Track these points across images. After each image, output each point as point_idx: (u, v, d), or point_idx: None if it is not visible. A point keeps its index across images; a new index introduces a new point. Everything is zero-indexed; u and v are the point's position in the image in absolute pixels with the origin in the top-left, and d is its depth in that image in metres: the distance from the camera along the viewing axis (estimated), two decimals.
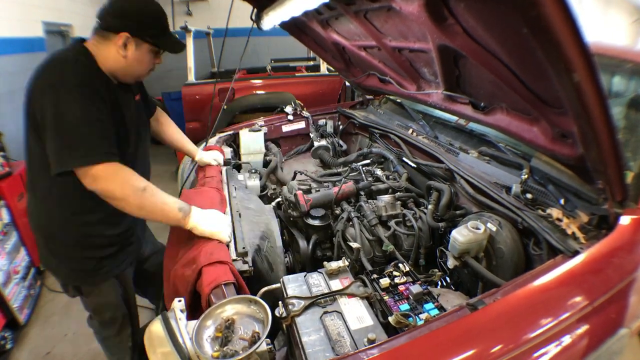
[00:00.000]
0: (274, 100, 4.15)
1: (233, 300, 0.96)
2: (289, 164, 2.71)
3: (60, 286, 1.58)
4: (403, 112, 2.37)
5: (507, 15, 0.88)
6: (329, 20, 2.05)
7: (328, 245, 1.66)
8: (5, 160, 2.77)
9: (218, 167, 1.97)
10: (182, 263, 1.24)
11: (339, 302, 1.06)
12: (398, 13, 1.36)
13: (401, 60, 1.77)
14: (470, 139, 1.82)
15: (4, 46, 3.73)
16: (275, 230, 1.61)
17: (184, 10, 7.08)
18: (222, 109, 2.63)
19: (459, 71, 1.43)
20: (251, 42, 2.17)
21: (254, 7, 2.12)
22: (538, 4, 0.70)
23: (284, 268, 1.53)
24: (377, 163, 2.17)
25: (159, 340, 0.87)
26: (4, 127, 3.27)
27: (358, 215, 1.65)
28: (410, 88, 1.92)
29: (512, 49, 1.02)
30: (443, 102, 1.64)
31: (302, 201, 1.63)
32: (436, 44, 1.31)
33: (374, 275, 1.20)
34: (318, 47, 2.63)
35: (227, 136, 2.54)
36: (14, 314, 2.37)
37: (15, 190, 2.80)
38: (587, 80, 0.79)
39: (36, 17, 4.38)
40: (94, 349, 2.36)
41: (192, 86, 4.35)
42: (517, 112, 1.29)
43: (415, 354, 0.84)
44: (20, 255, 2.63)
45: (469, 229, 1.25)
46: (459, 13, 1.09)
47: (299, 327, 0.97)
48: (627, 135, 1.40)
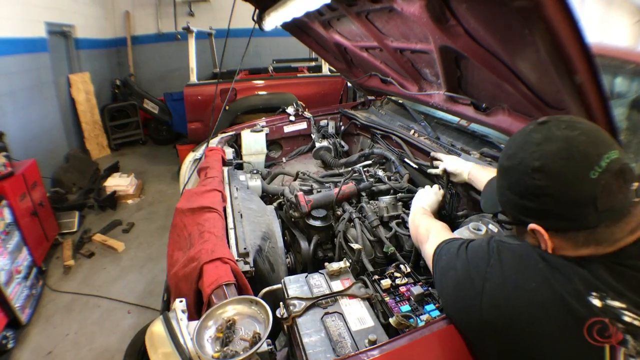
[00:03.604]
0: (276, 100, 4.16)
1: (234, 301, 0.96)
2: (290, 164, 2.71)
3: None
4: (405, 113, 2.37)
5: (509, 17, 0.88)
6: (331, 21, 2.05)
7: (329, 246, 1.66)
8: (7, 160, 2.78)
9: (220, 167, 1.97)
10: (183, 262, 1.24)
11: (340, 303, 1.05)
12: (400, 14, 1.36)
13: (403, 61, 1.77)
14: (471, 140, 1.82)
15: (6, 47, 3.75)
16: (277, 230, 1.61)
17: (186, 11, 7.11)
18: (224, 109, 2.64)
19: (460, 72, 1.43)
20: (253, 42, 2.18)
21: (255, 8, 2.12)
22: (540, 6, 0.70)
23: (285, 269, 1.53)
24: (379, 164, 2.17)
25: (160, 340, 0.87)
26: (6, 127, 3.29)
27: (359, 216, 1.65)
28: (411, 89, 1.92)
29: (514, 50, 1.02)
30: (444, 103, 1.64)
31: (303, 202, 1.63)
32: (438, 45, 1.31)
33: (375, 276, 1.20)
34: (320, 47, 2.63)
35: (229, 137, 2.55)
36: (16, 314, 2.37)
37: (17, 190, 2.82)
38: (589, 82, 0.80)
39: (39, 17, 4.40)
40: (95, 349, 2.37)
41: (194, 87, 4.36)
42: (519, 113, 1.29)
43: (416, 355, 0.84)
44: (22, 254, 2.63)
45: (470, 230, 1.25)
46: (461, 14, 1.09)
47: (300, 327, 0.97)
48: (629, 137, 1.40)
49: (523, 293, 0.69)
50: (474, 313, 0.76)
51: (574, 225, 0.66)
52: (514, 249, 0.76)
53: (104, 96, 6.30)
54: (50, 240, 3.30)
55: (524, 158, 0.69)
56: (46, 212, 3.31)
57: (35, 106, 4.24)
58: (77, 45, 5.52)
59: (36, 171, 3.23)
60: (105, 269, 3.21)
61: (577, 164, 0.64)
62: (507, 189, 0.74)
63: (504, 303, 0.71)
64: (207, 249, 1.20)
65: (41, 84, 4.44)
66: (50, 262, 3.27)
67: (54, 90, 4.76)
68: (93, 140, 5.75)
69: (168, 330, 0.88)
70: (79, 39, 5.53)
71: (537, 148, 0.68)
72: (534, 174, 0.67)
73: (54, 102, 4.75)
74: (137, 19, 7.02)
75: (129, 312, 2.68)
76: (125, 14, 6.92)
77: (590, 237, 0.65)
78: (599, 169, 0.62)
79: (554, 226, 0.68)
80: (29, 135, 4.04)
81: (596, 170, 0.62)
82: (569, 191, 0.64)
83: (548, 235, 0.68)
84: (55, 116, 4.78)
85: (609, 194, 0.62)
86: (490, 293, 0.73)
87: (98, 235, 3.61)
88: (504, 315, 0.71)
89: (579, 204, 0.64)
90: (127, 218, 4.01)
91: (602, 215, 0.63)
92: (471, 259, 0.82)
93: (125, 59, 7.03)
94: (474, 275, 0.78)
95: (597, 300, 0.61)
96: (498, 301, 0.72)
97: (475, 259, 0.81)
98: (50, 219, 3.40)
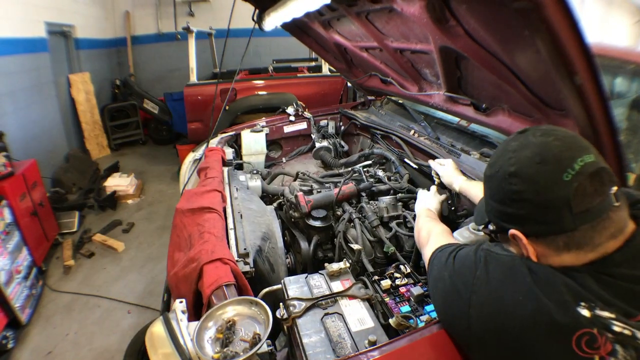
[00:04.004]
0: (276, 101, 4.16)
1: (234, 302, 0.96)
2: (290, 164, 2.71)
3: None
4: (405, 113, 2.37)
5: (509, 17, 0.88)
6: (331, 21, 2.05)
7: (329, 247, 1.66)
8: (7, 160, 2.78)
9: (220, 167, 1.97)
10: (183, 263, 1.24)
11: (340, 303, 1.05)
12: (400, 14, 1.36)
13: (403, 61, 1.77)
14: (471, 140, 1.82)
15: (6, 47, 3.74)
16: (277, 231, 1.62)
17: (186, 11, 7.11)
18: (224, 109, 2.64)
19: (460, 72, 1.43)
20: (253, 42, 2.18)
21: (255, 8, 2.12)
22: (540, 6, 0.70)
23: (285, 269, 1.53)
24: (379, 164, 2.17)
25: (160, 341, 0.87)
26: (6, 127, 3.29)
27: (359, 216, 1.65)
28: (411, 89, 1.92)
29: (514, 50, 1.02)
30: (444, 103, 1.64)
31: (303, 202, 1.63)
32: (438, 45, 1.31)
33: (375, 277, 1.20)
34: (320, 48, 2.63)
35: (229, 137, 2.55)
36: (16, 314, 2.37)
37: (17, 190, 2.82)
38: (589, 82, 0.80)
39: (39, 17, 4.40)
40: (95, 349, 2.37)
41: (194, 87, 4.36)
42: (519, 113, 1.29)
43: (416, 356, 0.84)
44: (22, 254, 2.63)
45: (470, 231, 1.25)
46: (461, 15, 1.09)
47: (300, 328, 0.97)
48: (629, 137, 1.40)
49: (510, 307, 0.69)
50: (462, 325, 0.76)
51: (551, 228, 0.66)
52: (501, 260, 0.76)
53: (104, 96, 6.30)
54: (50, 240, 3.30)
55: (502, 165, 0.71)
56: (46, 212, 3.31)
57: (35, 106, 4.24)
58: (77, 45, 5.52)
59: (36, 171, 3.23)
60: (105, 269, 3.21)
61: (550, 167, 0.65)
62: (490, 198, 0.76)
63: (492, 318, 0.71)
64: (207, 250, 1.20)
65: (41, 84, 4.44)
66: (50, 262, 3.27)
67: (54, 90, 4.75)
68: (93, 140, 5.75)
69: (168, 330, 0.88)
70: (79, 39, 5.53)
71: (513, 154, 0.70)
72: (511, 179, 0.68)
73: (54, 102, 4.75)
74: (137, 19, 7.02)
75: (129, 312, 2.68)
76: (125, 14, 6.92)
77: (570, 242, 0.65)
78: (572, 171, 0.63)
79: (534, 231, 0.68)
80: (29, 135, 4.04)
81: (569, 173, 0.63)
82: (543, 194, 0.65)
83: (528, 240, 0.69)
84: (55, 116, 4.78)
85: (583, 196, 0.63)
86: (478, 307, 0.73)
87: (98, 235, 3.61)
88: (492, 329, 0.71)
89: (553, 206, 0.64)
90: (127, 218, 4.01)
91: (578, 217, 0.63)
92: (458, 269, 0.82)
93: (125, 59, 7.03)
94: (460, 287, 0.78)
95: (586, 310, 0.61)
96: (485, 316, 0.72)
97: (462, 269, 0.81)
98: (50, 219, 3.39)
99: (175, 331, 0.89)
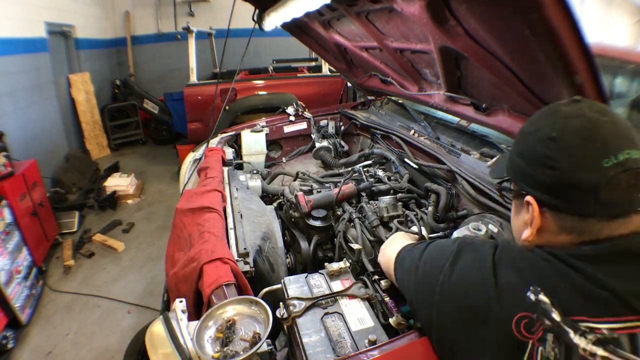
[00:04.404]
0: (276, 101, 4.16)
1: (234, 301, 0.96)
2: (290, 164, 2.71)
3: None
4: (405, 113, 2.37)
5: (509, 17, 0.88)
6: (331, 21, 2.05)
7: (329, 246, 1.66)
8: (7, 160, 2.78)
9: (220, 167, 1.97)
10: (183, 263, 1.24)
11: (340, 303, 1.06)
12: (400, 14, 1.36)
13: (403, 61, 1.77)
14: (471, 140, 1.82)
15: (6, 47, 3.75)
16: (277, 231, 1.62)
17: (186, 11, 7.11)
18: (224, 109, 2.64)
19: (460, 72, 1.43)
20: (253, 42, 2.18)
21: (255, 8, 2.12)
22: (540, 6, 0.70)
23: (285, 269, 1.53)
24: (379, 164, 2.17)
25: (160, 340, 0.87)
26: (6, 127, 3.29)
27: (359, 216, 1.65)
28: (411, 89, 1.92)
29: (514, 50, 1.02)
30: (444, 103, 1.64)
31: (303, 202, 1.63)
32: (438, 45, 1.31)
33: (375, 277, 1.20)
34: (320, 48, 2.63)
35: (229, 137, 2.55)
36: (16, 314, 2.37)
37: (17, 190, 2.82)
38: (589, 82, 0.80)
39: (39, 17, 4.40)
40: (95, 349, 2.37)
41: (194, 87, 4.36)
42: (519, 113, 1.29)
43: (416, 355, 0.84)
44: (22, 254, 2.63)
45: (470, 230, 1.25)
46: (461, 14, 1.09)
47: (300, 328, 0.97)
48: None
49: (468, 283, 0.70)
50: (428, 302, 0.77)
51: (569, 207, 0.64)
52: (476, 247, 0.76)
53: (104, 96, 6.30)
54: (50, 240, 3.30)
55: (543, 126, 0.67)
56: (46, 212, 3.31)
57: (35, 106, 4.24)
58: (77, 45, 5.52)
59: (36, 171, 3.23)
60: (105, 269, 3.21)
61: (594, 146, 0.61)
62: (518, 155, 0.72)
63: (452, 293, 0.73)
64: (207, 249, 1.20)
65: (41, 84, 4.44)
66: (50, 262, 3.27)
67: (54, 90, 4.76)
68: (93, 140, 5.75)
69: (168, 330, 0.88)
70: (79, 39, 5.53)
71: (560, 119, 0.66)
72: (548, 143, 0.65)
73: (54, 102, 4.75)
74: (137, 19, 7.02)
75: (129, 312, 2.69)
76: (125, 14, 6.92)
77: (578, 226, 0.64)
78: (614, 159, 0.59)
79: (550, 203, 0.66)
80: (29, 135, 4.04)
81: (611, 160, 0.59)
82: (576, 171, 0.62)
83: (540, 211, 0.67)
84: (55, 116, 4.78)
85: (614, 188, 0.60)
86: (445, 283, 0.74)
87: (98, 235, 3.61)
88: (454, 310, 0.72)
89: (581, 187, 0.61)
90: (127, 218, 4.02)
91: (600, 207, 0.61)
92: (431, 257, 0.83)
93: (125, 59, 7.03)
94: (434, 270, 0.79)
95: (532, 294, 0.61)
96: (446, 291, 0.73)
97: (436, 257, 0.82)
98: (50, 219, 3.40)
99: (175, 331, 0.89)
